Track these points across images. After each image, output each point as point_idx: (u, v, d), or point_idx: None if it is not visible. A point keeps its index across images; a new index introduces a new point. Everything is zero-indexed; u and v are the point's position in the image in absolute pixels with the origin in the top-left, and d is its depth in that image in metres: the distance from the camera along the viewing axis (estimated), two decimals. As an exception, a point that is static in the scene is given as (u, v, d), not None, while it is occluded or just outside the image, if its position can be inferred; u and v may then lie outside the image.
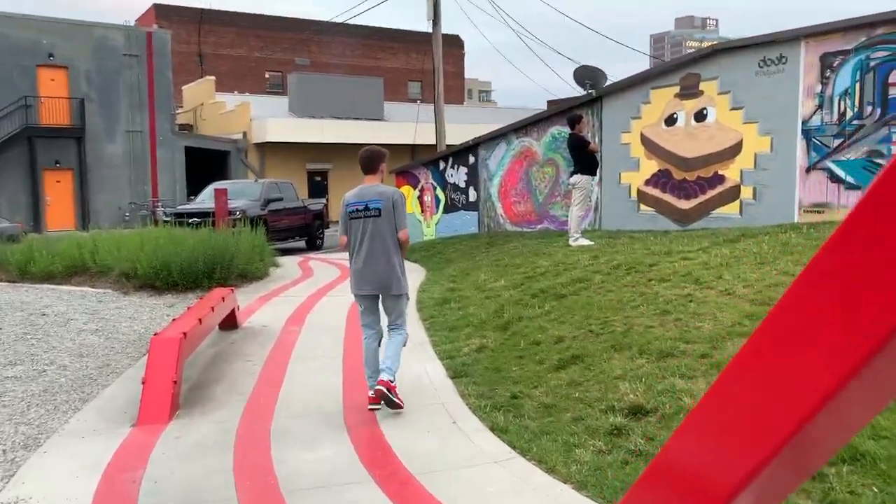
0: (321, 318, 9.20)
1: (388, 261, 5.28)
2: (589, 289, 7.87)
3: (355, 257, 5.38)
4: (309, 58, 49.38)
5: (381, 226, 5.27)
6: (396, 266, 5.33)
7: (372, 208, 5.27)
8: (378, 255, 5.25)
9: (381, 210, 5.27)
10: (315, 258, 17.24)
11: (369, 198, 5.30)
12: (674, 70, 11.92)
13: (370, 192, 5.32)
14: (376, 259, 5.25)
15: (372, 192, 5.31)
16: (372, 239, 5.26)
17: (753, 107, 10.75)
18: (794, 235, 8.22)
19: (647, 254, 8.72)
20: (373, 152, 5.46)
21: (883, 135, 9.29)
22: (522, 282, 9.20)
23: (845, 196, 9.72)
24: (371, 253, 5.26)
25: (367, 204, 5.29)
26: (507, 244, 13.44)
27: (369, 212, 5.27)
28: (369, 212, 5.27)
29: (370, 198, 5.30)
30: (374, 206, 5.27)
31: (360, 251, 5.31)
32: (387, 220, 5.28)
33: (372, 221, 5.27)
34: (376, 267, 5.27)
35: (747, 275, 6.55)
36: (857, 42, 9.49)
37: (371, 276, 5.30)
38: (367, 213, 5.27)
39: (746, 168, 10.92)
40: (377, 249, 5.25)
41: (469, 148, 16.11)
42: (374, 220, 5.27)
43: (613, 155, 12.68)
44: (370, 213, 5.27)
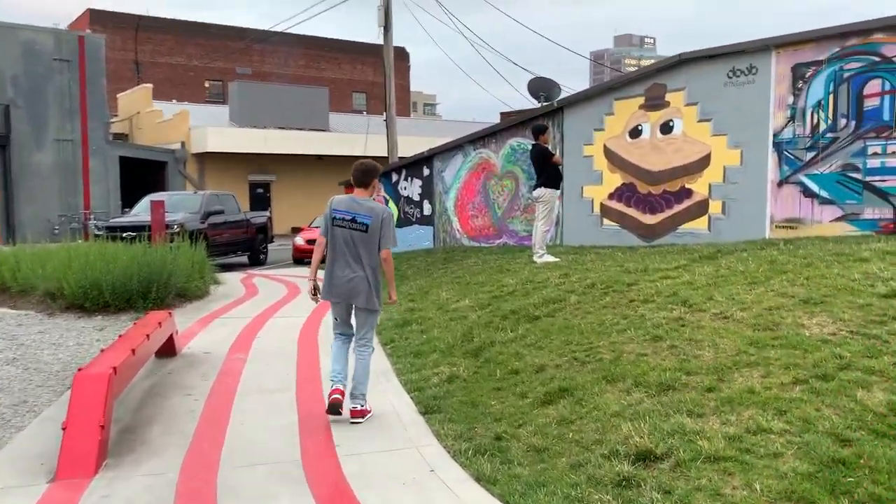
0: (269, 342, 8.40)
1: (365, 275, 5.30)
2: (564, 310, 7.29)
3: (333, 266, 5.37)
4: (251, 67, 48.20)
5: (365, 241, 5.29)
6: (371, 281, 5.34)
7: (360, 222, 5.28)
8: (355, 268, 5.28)
9: (369, 227, 5.28)
10: (259, 274, 16.32)
11: (359, 212, 5.30)
12: (638, 80, 11.53)
13: (361, 207, 5.33)
14: (353, 271, 5.28)
15: (363, 207, 5.32)
16: (353, 252, 5.28)
17: (722, 118, 10.41)
18: (777, 252, 7.81)
19: (622, 271, 8.21)
20: (367, 166, 5.47)
21: (858, 148, 9.01)
22: (489, 301, 8.58)
23: (819, 211, 9.42)
24: (349, 265, 5.29)
25: (356, 217, 5.29)
26: (466, 260, 12.84)
27: (356, 225, 5.27)
28: (356, 225, 5.27)
29: (360, 212, 5.30)
30: (363, 220, 5.28)
31: (338, 260, 5.33)
32: (371, 237, 5.29)
33: (357, 235, 5.28)
34: (351, 278, 5.29)
35: (741, 296, 6.06)
36: (830, 52, 9.22)
37: (344, 287, 5.32)
38: (353, 226, 5.27)
39: (715, 182, 10.56)
40: (356, 263, 5.29)
41: (423, 159, 15.49)
42: (359, 235, 5.28)
43: (575, 168, 12.21)
44: (356, 227, 5.27)
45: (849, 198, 9.10)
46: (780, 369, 4.66)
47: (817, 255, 7.03)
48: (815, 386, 4.37)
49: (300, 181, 34.37)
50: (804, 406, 4.18)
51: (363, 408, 5.38)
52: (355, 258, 5.29)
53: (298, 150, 33.07)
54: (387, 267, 5.42)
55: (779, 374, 4.62)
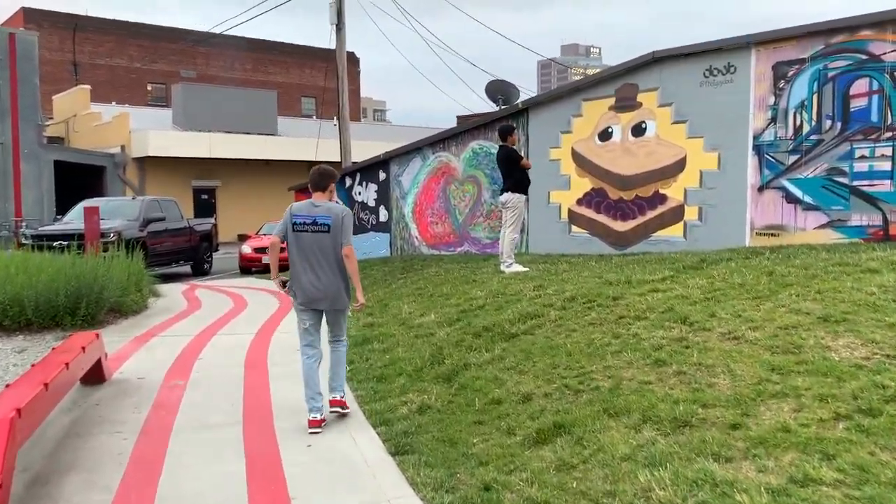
0: (213, 365, 7.50)
1: (334, 276, 5.36)
2: (544, 327, 6.59)
3: (301, 272, 5.38)
4: (195, 70, 46.62)
5: (328, 242, 5.30)
6: (341, 281, 5.40)
7: (321, 223, 5.29)
8: (325, 270, 5.32)
9: (330, 226, 5.30)
10: (203, 286, 15.27)
11: (318, 214, 5.32)
12: (608, 80, 10.95)
13: (320, 209, 5.35)
14: (324, 273, 5.32)
15: (321, 209, 5.34)
16: (319, 254, 5.31)
17: (698, 120, 9.88)
18: (768, 262, 7.25)
19: (603, 283, 7.54)
20: (324, 171, 5.56)
21: (844, 151, 8.54)
22: (458, 316, 7.83)
23: (802, 217, 8.93)
24: (316, 269, 5.32)
25: (316, 219, 5.30)
26: (426, 269, 12.07)
27: (317, 227, 5.29)
28: (317, 227, 5.29)
29: (319, 214, 5.32)
30: (323, 222, 5.30)
31: (305, 265, 5.36)
32: (334, 237, 5.31)
33: (319, 237, 5.30)
34: (323, 281, 5.33)
35: (749, 313, 5.42)
36: (814, 50, 8.75)
37: (316, 291, 5.35)
38: (315, 229, 5.30)
39: (691, 187, 10.02)
40: (324, 264, 5.32)
41: (379, 163, 14.68)
42: (322, 236, 5.30)
43: (541, 172, 11.54)
44: (318, 229, 5.30)
45: (835, 203, 8.63)
46: (814, 401, 4.01)
47: (818, 266, 6.46)
48: (861, 423, 3.72)
49: (247, 187, 33.15)
50: (855, 449, 3.52)
51: (342, 398, 5.50)
52: (321, 260, 5.31)
53: (245, 155, 31.87)
54: (349, 263, 5.39)
55: (813, 407, 3.96)
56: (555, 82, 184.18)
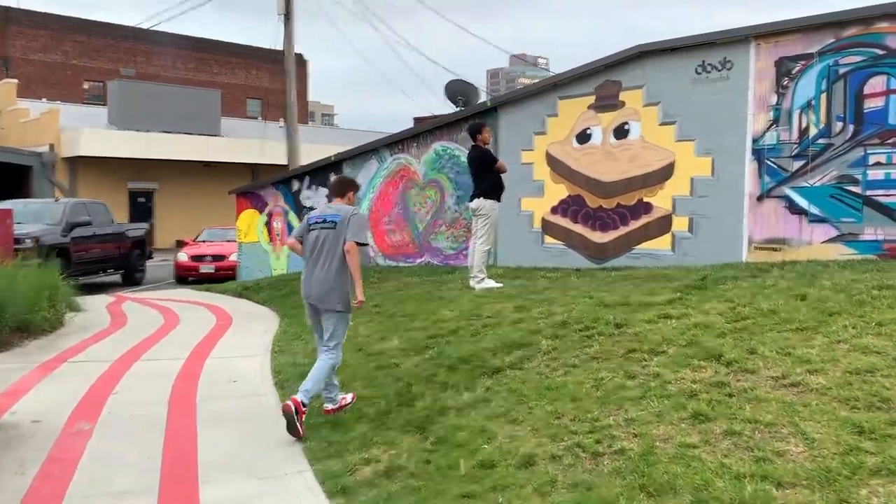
0: (130, 402, 6.18)
1: (332, 273, 5.36)
2: (535, 360, 5.47)
3: (306, 268, 5.54)
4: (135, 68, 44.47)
5: (333, 238, 5.39)
6: (338, 280, 5.37)
7: (329, 221, 5.44)
8: (324, 267, 5.38)
9: (337, 224, 5.40)
10: (132, 298, 13.76)
11: (328, 213, 5.52)
12: (587, 76, 9.94)
13: (331, 209, 5.58)
14: (321, 269, 5.39)
15: (332, 209, 5.56)
16: (322, 250, 5.41)
17: (689, 121, 8.93)
18: (784, 281, 6.27)
19: (597, 305, 6.46)
20: (345, 179, 6.00)
21: (857, 157, 7.66)
22: (426, 343, 6.66)
23: (808, 230, 8.02)
24: (318, 263, 5.42)
25: (326, 217, 5.48)
26: (384, 283, 10.86)
27: (326, 224, 5.44)
28: (326, 224, 5.44)
29: (329, 213, 5.52)
30: (331, 219, 5.44)
31: (311, 261, 5.49)
32: (339, 234, 5.38)
33: (326, 233, 5.41)
34: (318, 276, 5.39)
35: (800, 350, 4.38)
36: (823, 45, 7.86)
37: (312, 286, 5.46)
38: (324, 226, 5.44)
39: (680, 195, 9.05)
40: (324, 261, 5.39)
41: (330, 165, 13.41)
42: (328, 232, 5.41)
43: (513, 177, 10.40)
44: (326, 226, 5.43)
45: (845, 215, 7.74)
46: (936, 483, 2.96)
47: (857, 289, 5.49)
48: None
49: (188, 189, 31.37)
50: None
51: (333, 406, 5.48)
52: (324, 256, 5.39)
53: (185, 156, 30.10)
54: (350, 259, 5.35)
55: (937, 492, 2.91)
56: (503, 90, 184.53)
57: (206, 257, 17.99)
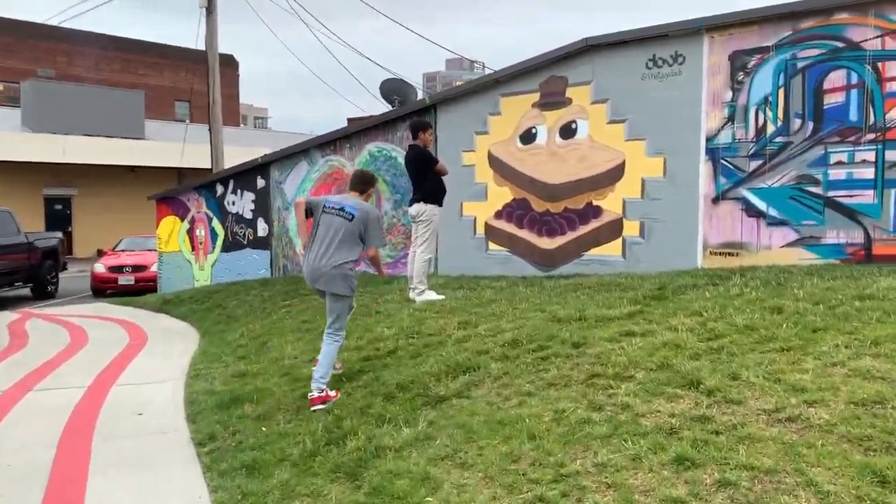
0: (13, 442, 5.25)
1: (338, 261, 5.40)
2: (484, 386, 4.78)
3: (311, 249, 5.52)
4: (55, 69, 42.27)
5: (347, 229, 5.43)
6: (344, 267, 5.43)
7: (347, 212, 5.45)
8: (332, 251, 5.40)
9: (355, 217, 5.44)
10: (39, 314, 12.56)
11: (348, 203, 5.52)
12: (531, 72, 9.34)
13: (351, 201, 5.58)
14: (329, 254, 5.40)
15: (353, 201, 5.57)
16: (333, 237, 5.42)
17: (640, 119, 8.41)
18: (752, 290, 5.75)
19: (549, 320, 5.82)
20: (366, 175, 5.94)
21: (817, 155, 7.24)
22: (360, 366, 5.91)
23: (767, 234, 7.57)
24: (326, 249, 5.42)
25: (345, 207, 5.48)
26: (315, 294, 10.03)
27: (343, 213, 5.45)
28: (343, 213, 5.45)
29: (349, 204, 5.52)
30: (350, 211, 5.46)
31: (316, 244, 5.48)
32: (354, 227, 5.43)
33: (341, 222, 5.43)
34: (324, 260, 5.41)
35: (791, 375, 3.80)
36: (780, 37, 7.43)
37: (316, 272, 5.47)
38: (340, 214, 5.45)
39: (631, 197, 8.52)
40: (333, 247, 5.41)
41: (257, 167, 12.51)
42: (342, 221, 5.44)
43: (453, 180, 9.75)
44: (343, 215, 5.44)
45: (806, 217, 7.31)
46: None
47: (835, 300, 4.99)
48: None
49: (109, 196, 29.74)
50: None
51: (320, 395, 5.33)
52: (332, 243, 5.41)
53: (105, 160, 28.50)
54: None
55: None
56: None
57: (126, 268, 16.79)
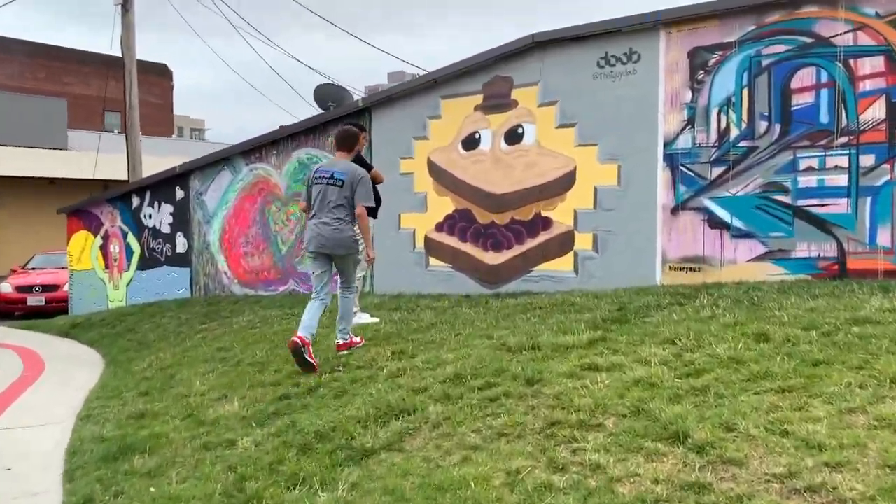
0: None
1: (339, 226, 5.69)
2: (421, 435, 3.94)
3: (313, 218, 5.79)
4: (-25, 76, 39.99)
5: (340, 194, 5.70)
6: (346, 231, 5.73)
7: (336, 178, 5.72)
8: (332, 219, 5.68)
9: (344, 182, 5.70)
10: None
11: (336, 169, 5.79)
12: (474, 72, 8.57)
13: (338, 165, 5.84)
14: (329, 222, 5.68)
15: (340, 165, 5.83)
16: (328, 204, 5.69)
17: (591, 123, 7.72)
18: (730, 314, 5.05)
19: (499, 349, 5.01)
20: (348, 130, 6.07)
21: (785, 161, 6.63)
22: (276, 407, 4.99)
23: (731, 247, 6.93)
24: (323, 216, 5.70)
25: (333, 173, 5.75)
26: (237, 317, 9.07)
27: (333, 180, 5.72)
28: (333, 180, 5.72)
29: (337, 169, 5.78)
30: (339, 176, 5.73)
31: (316, 214, 5.75)
32: (346, 191, 5.69)
33: (331, 189, 5.71)
34: (328, 229, 5.68)
35: (800, 425, 3.05)
36: (743, 32, 6.82)
37: (321, 238, 5.72)
38: (331, 181, 5.72)
39: (583, 208, 7.81)
40: (331, 214, 5.68)
41: (176, 177, 11.44)
42: (333, 188, 5.70)
43: (390, 189, 8.89)
44: (333, 182, 5.71)
45: (773, 229, 6.69)
46: None
47: (824, 324, 4.30)
48: None
49: (28, 209, 27.86)
50: None
51: (345, 341, 5.88)
52: (330, 210, 5.68)
53: (23, 172, 26.73)
54: (361, 223, 5.78)
55: None
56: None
57: (36, 288, 15.42)
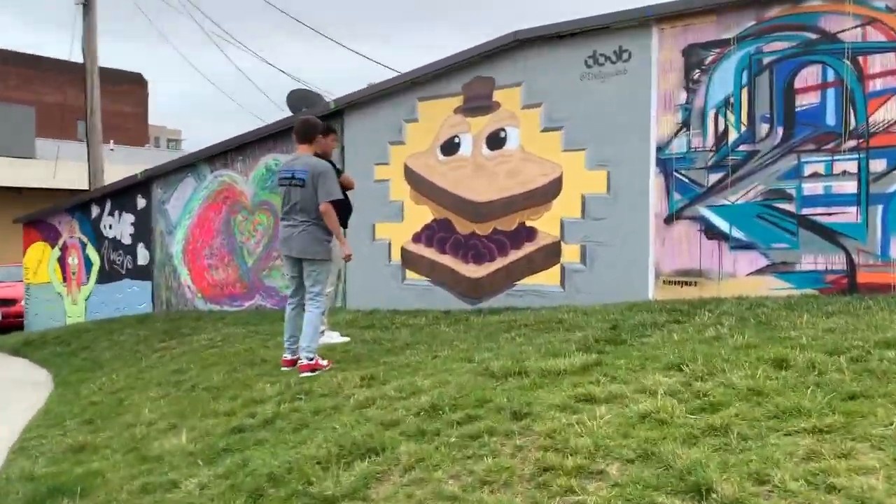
0: None
1: (305, 228, 5.47)
2: (390, 480, 3.36)
3: (282, 221, 5.65)
4: (-59, 83, 38.99)
5: (304, 196, 5.46)
6: (312, 233, 5.47)
7: (297, 178, 5.47)
8: (297, 222, 5.48)
9: (306, 181, 5.44)
10: None
11: (296, 167, 5.52)
12: (453, 72, 8.04)
13: (298, 162, 5.57)
14: (295, 225, 5.50)
15: (299, 162, 5.55)
16: (294, 206, 5.50)
17: (579, 126, 7.21)
18: (740, 332, 4.53)
19: (479, 374, 4.44)
20: (307, 121, 5.80)
21: (789, 166, 6.14)
22: (227, 443, 4.38)
23: (731, 259, 6.42)
24: (294, 220, 5.51)
25: (294, 173, 5.51)
26: (198, 334, 8.44)
27: (295, 181, 5.49)
28: (295, 181, 5.49)
29: (297, 167, 5.52)
30: (300, 176, 5.47)
31: (284, 217, 5.61)
32: (309, 191, 5.44)
33: (295, 190, 5.49)
34: (293, 232, 5.51)
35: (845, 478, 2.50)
36: (742, 29, 6.34)
37: (289, 241, 5.56)
38: (293, 182, 5.49)
39: (570, 217, 7.29)
40: (297, 216, 5.49)
41: (137, 185, 10.78)
42: (297, 190, 5.47)
43: (364, 197, 8.32)
44: (295, 182, 5.48)
45: (776, 239, 6.20)
46: None
47: (851, 347, 3.78)
48: None
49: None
50: None
51: (309, 362, 5.42)
52: (295, 212, 5.49)
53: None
54: (328, 221, 5.46)
55: None
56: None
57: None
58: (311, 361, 5.41)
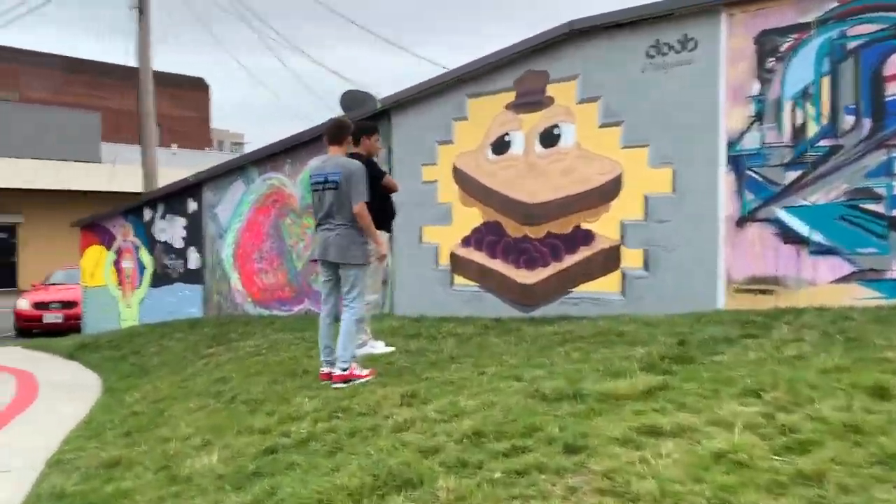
0: None
1: (340, 232, 5.33)
2: (425, 522, 2.97)
3: (319, 227, 5.49)
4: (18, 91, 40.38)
5: (338, 197, 5.32)
6: (349, 237, 5.33)
7: (331, 181, 5.35)
8: (333, 225, 5.35)
9: (339, 183, 5.31)
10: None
11: (328, 170, 5.40)
12: (504, 67, 7.64)
13: (330, 164, 5.42)
14: (331, 229, 5.36)
15: (331, 164, 5.42)
16: (328, 210, 5.36)
17: (640, 121, 6.72)
18: (827, 350, 4.01)
19: (529, 396, 4.04)
20: (340, 122, 5.65)
21: (877, 162, 5.55)
22: (257, 466, 4.08)
23: (810, 265, 5.85)
24: (326, 223, 5.38)
25: (327, 177, 5.38)
26: (246, 340, 8.24)
27: (328, 184, 5.36)
28: (328, 184, 5.36)
29: (329, 170, 5.39)
30: (333, 178, 5.34)
31: (320, 221, 5.46)
32: (343, 193, 5.31)
33: (329, 193, 5.35)
34: (329, 236, 5.36)
35: None
36: (823, 11, 5.77)
37: (323, 244, 5.41)
38: (326, 186, 5.37)
39: (630, 219, 6.80)
40: (333, 220, 5.35)
41: (189, 188, 10.70)
42: (331, 193, 5.34)
43: (411, 199, 8.02)
44: (329, 186, 5.36)
45: (863, 244, 5.61)
46: None
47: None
48: None
49: (61, 223, 27.65)
50: None
51: (343, 372, 5.27)
52: (331, 216, 5.34)
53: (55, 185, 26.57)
54: (362, 222, 5.31)
55: None
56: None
57: (53, 304, 14.85)
58: (345, 371, 5.25)
